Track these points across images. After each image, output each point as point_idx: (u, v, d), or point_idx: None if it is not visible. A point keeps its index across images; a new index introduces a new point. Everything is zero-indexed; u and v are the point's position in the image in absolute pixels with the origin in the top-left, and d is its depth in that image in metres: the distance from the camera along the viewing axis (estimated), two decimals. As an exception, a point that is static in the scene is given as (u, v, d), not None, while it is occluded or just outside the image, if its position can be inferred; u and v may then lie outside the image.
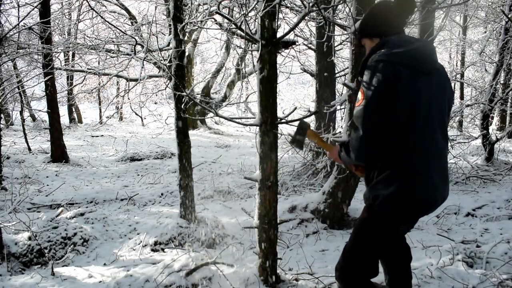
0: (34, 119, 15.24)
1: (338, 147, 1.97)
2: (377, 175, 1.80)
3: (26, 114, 13.55)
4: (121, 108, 18.32)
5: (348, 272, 1.95)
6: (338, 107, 6.10)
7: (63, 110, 11.78)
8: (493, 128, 11.84)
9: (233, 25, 2.59)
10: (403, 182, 1.73)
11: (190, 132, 4.40)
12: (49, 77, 7.95)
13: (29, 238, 3.54)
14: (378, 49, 1.81)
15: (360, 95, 1.75)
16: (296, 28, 4.92)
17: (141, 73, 6.45)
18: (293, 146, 2.29)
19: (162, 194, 5.86)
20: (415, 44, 1.76)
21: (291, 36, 4.16)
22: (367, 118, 1.71)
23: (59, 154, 8.37)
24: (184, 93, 3.04)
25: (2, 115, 7.88)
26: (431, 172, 1.75)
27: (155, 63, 12.36)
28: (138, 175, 7.45)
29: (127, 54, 11.41)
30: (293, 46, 6.54)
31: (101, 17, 6.81)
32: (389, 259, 2.18)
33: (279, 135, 2.62)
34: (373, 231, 1.90)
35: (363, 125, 1.72)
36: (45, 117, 10.51)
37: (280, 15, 6.13)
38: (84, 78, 15.51)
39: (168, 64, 3.70)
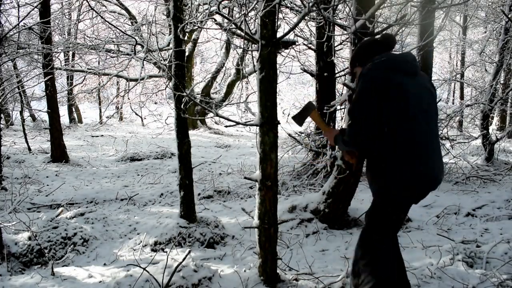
0: (34, 119, 15.24)
1: (337, 131, 2.36)
2: (386, 163, 2.10)
3: (26, 114, 13.55)
4: (121, 108, 18.33)
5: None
6: (338, 107, 6.10)
7: (63, 110, 11.79)
8: (493, 128, 11.83)
9: (233, 25, 2.59)
10: (410, 163, 2.05)
11: (190, 132, 4.39)
12: (49, 77, 7.95)
13: (29, 238, 3.54)
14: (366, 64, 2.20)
15: (354, 96, 2.14)
16: (296, 28, 4.92)
17: (141, 73, 6.46)
18: (294, 120, 2.52)
19: (162, 194, 5.85)
20: (397, 54, 2.20)
21: (291, 36, 4.17)
22: (358, 112, 2.09)
23: (59, 154, 8.36)
24: (184, 93, 3.04)
25: (2, 115, 7.87)
26: (429, 153, 2.10)
27: (155, 63, 12.37)
28: (138, 175, 7.44)
29: (127, 54, 11.42)
30: (293, 46, 6.54)
31: (101, 17, 6.82)
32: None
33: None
34: (388, 211, 2.21)
35: (354, 118, 2.10)
36: (45, 117, 10.52)
37: (280, 15, 6.13)
38: (84, 78, 15.51)
39: (168, 64, 3.70)
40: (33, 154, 9.41)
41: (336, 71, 6.41)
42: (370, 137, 2.08)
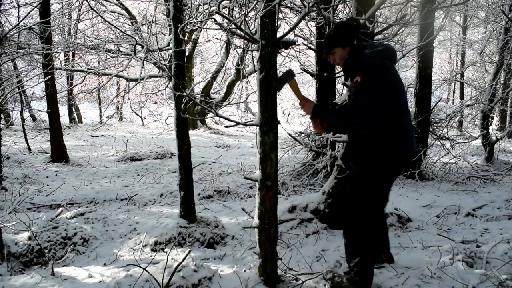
0: (34, 119, 15.24)
1: (314, 103, 2.57)
2: (381, 136, 2.38)
3: (26, 114, 13.55)
4: (121, 108, 18.34)
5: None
6: (338, 107, 6.09)
7: (63, 110, 11.79)
8: (493, 128, 11.84)
9: (233, 25, 2.59)
10: (402, 139, 2.42)
11: (190, 132, 4.39)
12: (49, 77, 7.95)
13: (29, 238, 3.54)
14: (359, 51, 2.45)
15: (358, 79, 2.32)
16: (296, 28, 4.92)
17: (141, 73, 6.45)
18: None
19: (162, 194, 5.85)
20: (384, 46, 2.50)
21: (291, 36, 4.16)
22: (365, 95, 2.31)
23: (59, 154, 8.36)
24: (184, 93, 3.04)
25: (2, 115, 7.87)
26: (412, 130, 2.51)
27: (155, 63, 12.37)
28: (138, 175, 7.44)
29: (127, 54, 11.41)
30: (293, 46, 6.53)
31: (101, 17, 6.82)
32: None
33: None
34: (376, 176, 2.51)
35: (361, 100, 2.31)
36: (45, 117, 10.51)
37: (280, 15, 6.13)
38: (84, 78, 15.51)
39: (168, 64, 3.70)
40: (33, 154, 9.41)
41: (336, 71, 6.40)
42: (376, 116, 2.32)
